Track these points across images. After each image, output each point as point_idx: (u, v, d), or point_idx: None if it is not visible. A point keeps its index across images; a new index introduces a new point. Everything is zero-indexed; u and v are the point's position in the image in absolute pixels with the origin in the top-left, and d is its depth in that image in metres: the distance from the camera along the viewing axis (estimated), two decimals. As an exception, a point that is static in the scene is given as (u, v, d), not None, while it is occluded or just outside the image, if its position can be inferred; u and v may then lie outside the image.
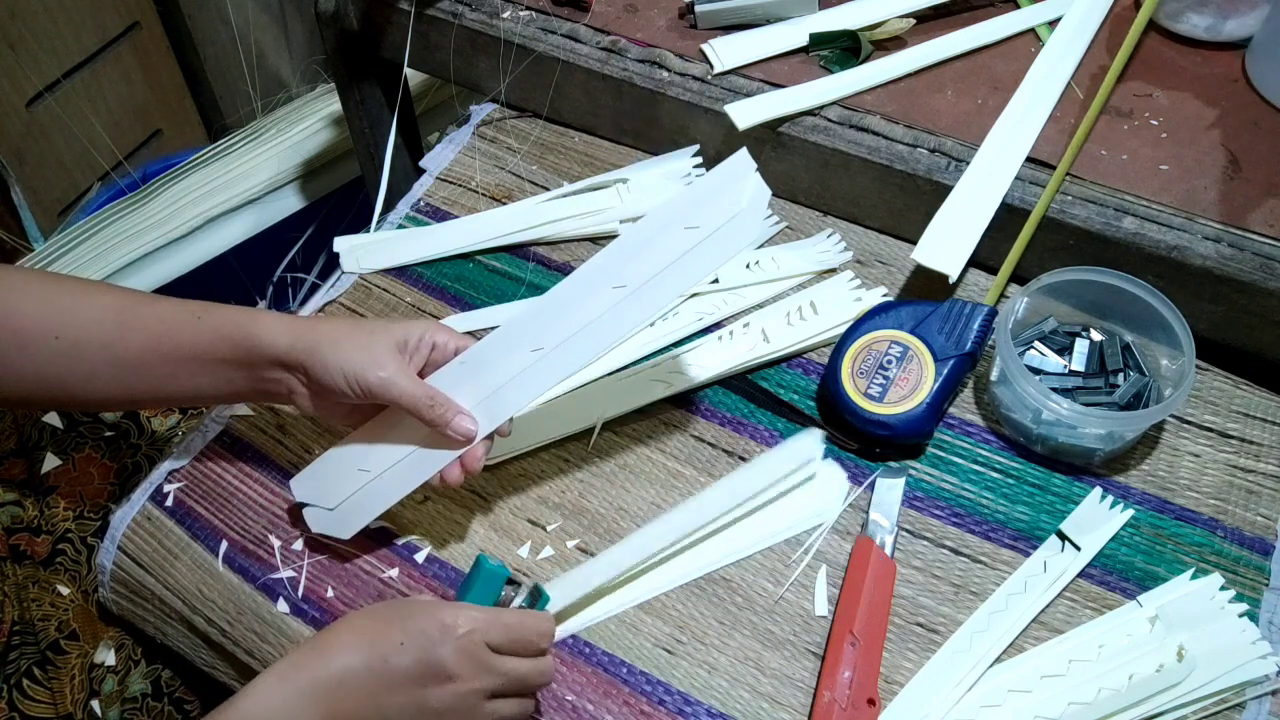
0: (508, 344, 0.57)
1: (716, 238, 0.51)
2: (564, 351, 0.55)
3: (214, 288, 1.20)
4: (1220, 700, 0.55)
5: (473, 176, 0.85)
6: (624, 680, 0.58)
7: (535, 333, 0.56)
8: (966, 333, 0.66)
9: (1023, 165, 0.71)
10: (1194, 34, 0.77)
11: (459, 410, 0.57)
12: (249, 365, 0.58)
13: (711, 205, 0.51)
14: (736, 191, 0.50)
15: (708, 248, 0.51)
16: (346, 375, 0.56)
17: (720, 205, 0.51)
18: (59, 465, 0.72)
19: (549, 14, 0.85)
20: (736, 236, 0.51)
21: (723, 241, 0.51)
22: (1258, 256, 0.65)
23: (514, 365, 0.57)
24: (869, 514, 0.63)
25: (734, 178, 0.50)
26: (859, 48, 0.79)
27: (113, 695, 0.69)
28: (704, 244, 0.51)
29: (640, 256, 0.53)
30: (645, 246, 0.52)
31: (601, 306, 0.54)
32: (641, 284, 0.52)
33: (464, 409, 0.57)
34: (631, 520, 0.64)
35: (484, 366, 0.57)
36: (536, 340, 0.56)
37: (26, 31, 1.19)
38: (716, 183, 0.51)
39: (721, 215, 0.51)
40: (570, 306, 0.55)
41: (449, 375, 0.58)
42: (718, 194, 0.51)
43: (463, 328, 0.74)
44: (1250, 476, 0.64)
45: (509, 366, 0.57)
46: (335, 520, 0.61)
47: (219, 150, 1.21)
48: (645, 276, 0.52)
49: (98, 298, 0.59)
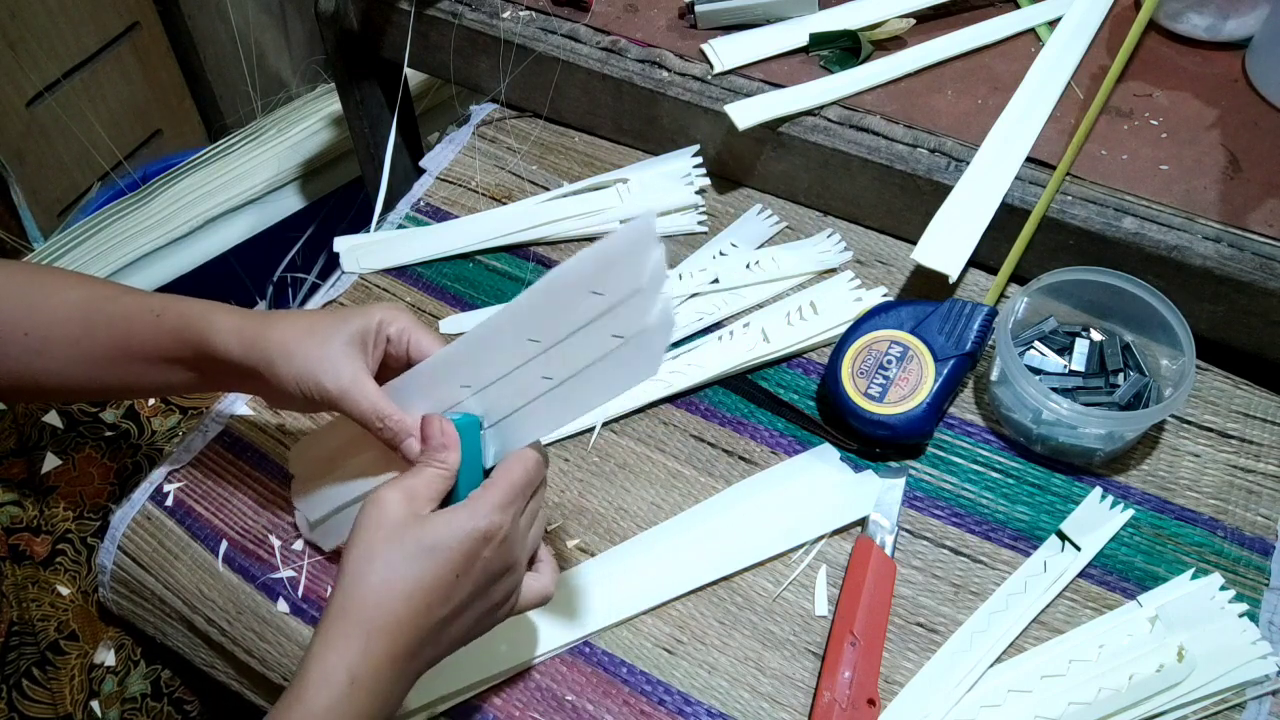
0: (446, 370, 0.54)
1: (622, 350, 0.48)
2: (495, 397, 0.52)
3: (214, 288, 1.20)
4: (1220, 700, 0.55)
5: (473, 176, 0.85)
6: (624, 680, 0.58)
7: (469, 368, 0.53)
8: (966, 333, 0.66)
9: (1023, 165, 0.71)
10: (1194, 34, 0.77)
11: (409, 432, 0.53)
12: (208, 369, 0.57)
13: (614, 272, 0.47)
14: (638, 264, 0.46)
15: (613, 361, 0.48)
16: (302, 388, 0.53)
17: (622, 274, 0.47)
18: (59, 465, 0.72)
19: (549, 14, 0.85)
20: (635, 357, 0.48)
21: (624, 357, 0.48)
22: (1258, 256, 0.65)
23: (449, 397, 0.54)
24: (869, 514, 0.63)
25: (637, 245, 0.47)
26: (859, 48, 0.79)
27: (112, 695, 0.69)
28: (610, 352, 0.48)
29: (551, 311, 0.49)
30: (556, 300, 0.49)
31: (519, 356, 0.51)
32: (553, 344, 0.49)
33: (415, 429, 0.54)
34: (631, 520, 0.64)
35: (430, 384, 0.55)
36: (467, 377, 0.53)
37: (26, 31, 1.19)
38: (620, 245, 0.47)
39: (623, 287, 0.47)
40: (489, 349, 0.52)
41: (402, 386, 0.55)
42: (620, 260, 0.47)
43: (463, 328, 0.75)
44: (1250, 476, 0.64)
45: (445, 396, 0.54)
46: (321, 532, 0.62)
47: (219, 150, 1.21)
48: (556, 336, 0.49)
49: (66, 292, 0.58)
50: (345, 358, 0.53)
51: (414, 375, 0.55)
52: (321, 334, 0.54)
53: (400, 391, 0.55)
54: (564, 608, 0.60)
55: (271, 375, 0.54)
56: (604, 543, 0.63)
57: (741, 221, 0.79)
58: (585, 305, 0.48)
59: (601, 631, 0.60)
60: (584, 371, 0.49)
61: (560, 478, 0.67)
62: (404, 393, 0.55)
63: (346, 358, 0.53)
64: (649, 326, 0.47)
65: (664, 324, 0.47)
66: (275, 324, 0.54)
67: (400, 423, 0.53)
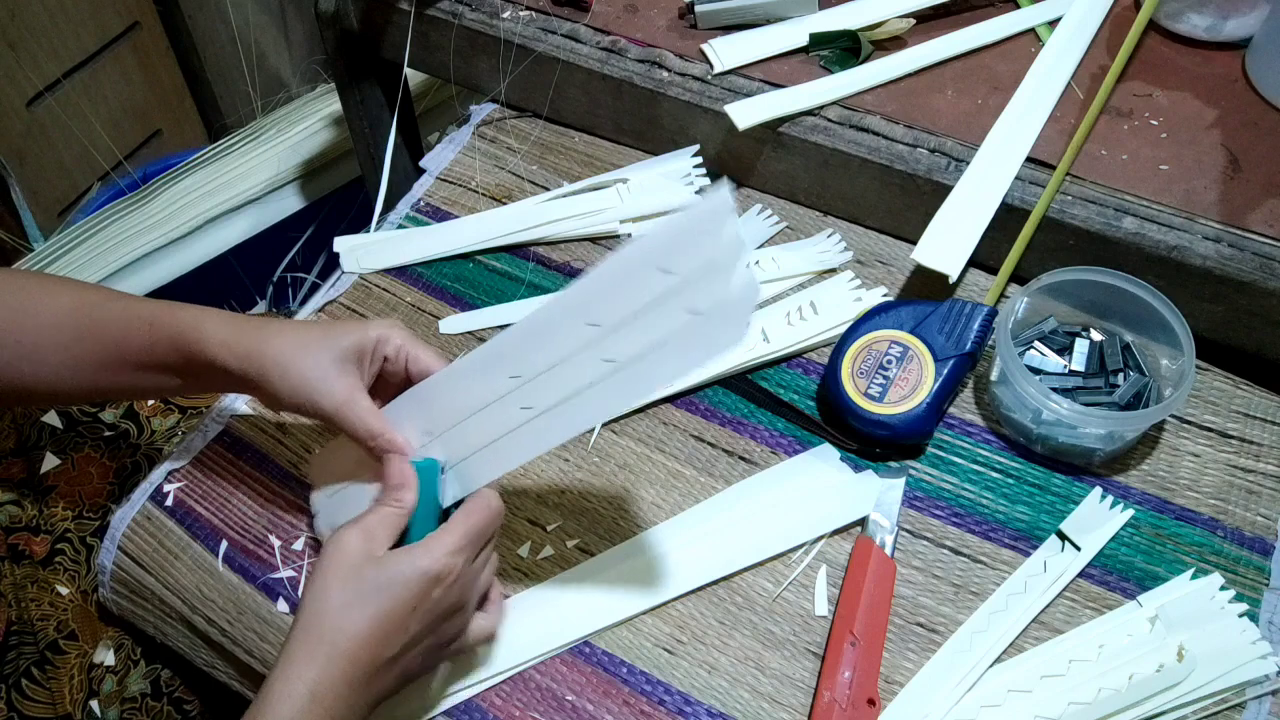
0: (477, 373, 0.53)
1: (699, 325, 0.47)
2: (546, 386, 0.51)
3: (214, 288, 1.20)
4: (1220, 700, 0.55)
5: (473, 176, 0.85)
6: (624, 680, 0.58)
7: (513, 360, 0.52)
8: (966, 333, 0.66)
9: (1023, 165, 0.71)
10: (1194, 34, 0.77)
11: (400, 450, 0.54)
12: (201, 376, 0.57)
13: (686, 248, 0.46)
14: (713, 235, 0.45)
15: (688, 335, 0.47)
16: (296, 402, 0.54)
17: (694, 249, 0.46)
18: (58, 465, 0.72)
19: (549, 14, 0.85)
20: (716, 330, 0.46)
21: (701, 332, 0.47)
22: (1258, 256, 0.65)
23: (485, 395, 0.53)
24: (869, 514, 0.63)
25: (711, 217, 0.46)
26: (859, 48, 0.79)
27: (112, 695, 0.69)
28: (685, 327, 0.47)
29: (613, 293, 0.48)
30: (619, 282, 0.48)
31: (576, 341, 0.50)
32: (615, 326, 0.48)
33: (407, 448, 0.55)
34: (631, 520, 0.64)
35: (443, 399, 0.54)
36: (516, 367, 0.51)
37: (26, 31, 1.19)
38: (692, 218, 0.46)
39: (696, 262, 0.46)
40: (544, 335, 0.51)
41: (405, 406, 0.55)
42: (693, 235, 0.46)
43: (463, 328, 0.75)
44: (1250, 476, 0.64)
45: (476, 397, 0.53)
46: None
47: (219, 150, 1.22)
48: (619, 317, 0.48)
49: (57, 299, 0.58)
50: (340, 375, 0.54)
51: (414, 395, 0.55)
52: (316, 349, 0.54)
53: (399, 410, 0.55)
54: (564, 608, 0.60)
55: (266, 387, 0.54)
56: (604, 543, 0.63)
57: (741, 221, 0.79)
58: (651, 284, 0.47)
59: (601, 631, 0.60)
60: (653, 351, 0.48)
61: (560, 478, 0.67)
62: (402, 411, 0.55)
63: (341, 375, 0.54)
64: (731, 298, 0.46)
65: (747, 294, 0.46)
66: (270, 337, 0.55)
67: (392, 441, 0.54)
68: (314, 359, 0.54)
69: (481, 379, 0.53)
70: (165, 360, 0.57)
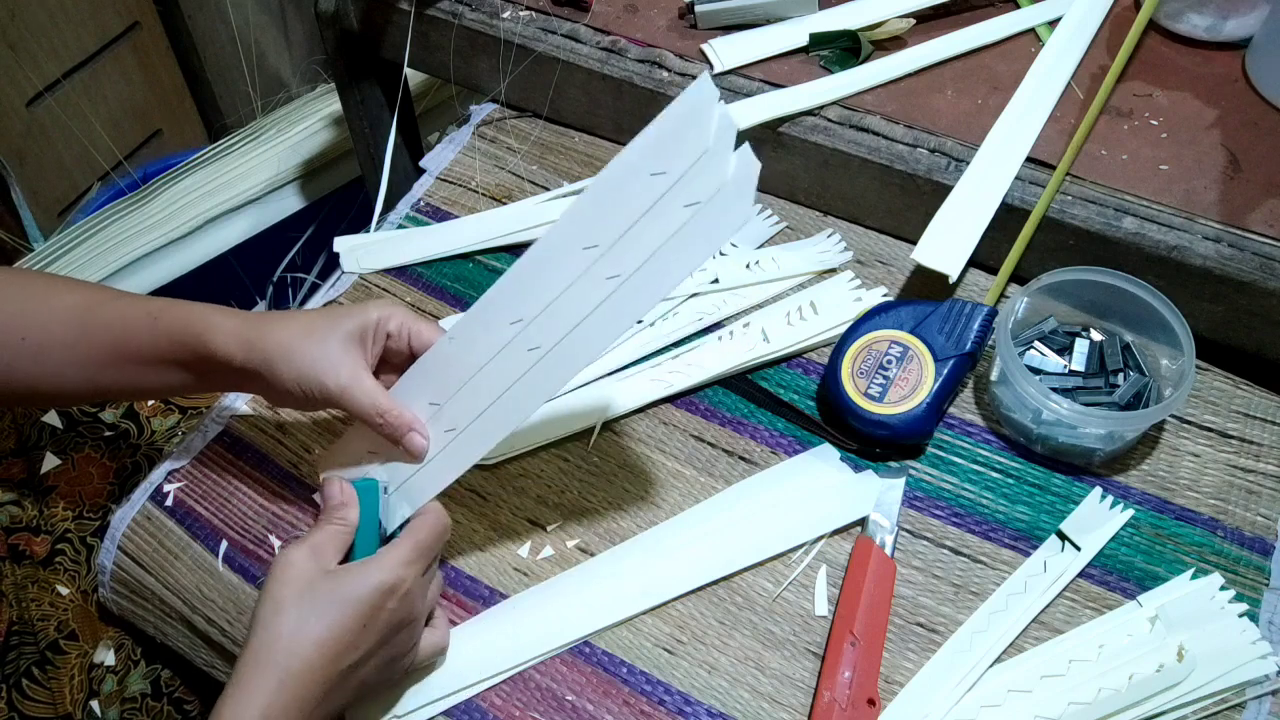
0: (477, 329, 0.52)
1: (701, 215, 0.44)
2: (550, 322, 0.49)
3: (214, 288, 1.20)
4: (1220, 700, 0.55)
5: (473, 176, 0.85)
6: (624, 680, 0.58)
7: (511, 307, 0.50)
8: (966, 333, 0.66)
9: (1023, 165, 0.71)
10: (1194, 34, 0.77)
11: (410, 426, 0.55)
12: (208, 371, 0.57)
13: (676, 146, 0.44)
14: (700, 125, 0.43)
15: (692, 228, 0.45)
16: (302, 387, 0.54)
17: (683, 144, 0.43)
18: (58, 465, 0.72)
19: (549, 14, 0.86)
20: (720, 215, 0.44)
21: (705, 221, 0.44)
22: (1258, 256, 0.65)
23: (489, 347, 0.52)
24: (869, 514, 0.63)
25: (695, 109, 0.43)
26: (859, 48, 0.79)
27: (112, 695, 0.69)
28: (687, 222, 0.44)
29: (606, 211, 0.46)
30: (610, 199, 0.46)
31: (575, 268, 0.48)
32: (614, 241, 0.46)
33: (416, 423, 0.55)
34: (631, 520, 0.64)
35: (448, 364, 0.54)
36: (515, 313, 0.50)
37: (26, 31, 1.19)
38: (675, 116, 0.43)
39: (687, 156, 0.43)
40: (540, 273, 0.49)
41: (411, 381, 0.55)
42: (679, 131, 0.43)
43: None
44: (1250, 476, 0.64)
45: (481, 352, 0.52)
46: None
47: (219, 150, 1.21)
48: (617, 232, 0.46)
49: (62, 297, 0.58)
50: (344, 356, 0.54)
51: (418, 368, 0.56)
52: (320, 333, 0.55)
53: (406, 387, 0.56)
54: (564, 608, 0.60)
55: (272, 376, 0.55)
56: (604, 543, 0.63)
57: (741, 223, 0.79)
58: (646, 188, 0.45)
59: (601, 631, 0.60)
60: (656, 255, 0.46)
61: (560, 477, 0.67)
62: (409, 387, 0.55)
63: (345, 356, 0.55)
64: (728, 180, 0.44)
65: (746, 169, 0.44)
66: (273, 326, 0.55)
67: (400, 417, 0.55)
68: (317, 342, 0.54)
69: (482, 333, 0.53)
70: (169, 355, 0.57)
